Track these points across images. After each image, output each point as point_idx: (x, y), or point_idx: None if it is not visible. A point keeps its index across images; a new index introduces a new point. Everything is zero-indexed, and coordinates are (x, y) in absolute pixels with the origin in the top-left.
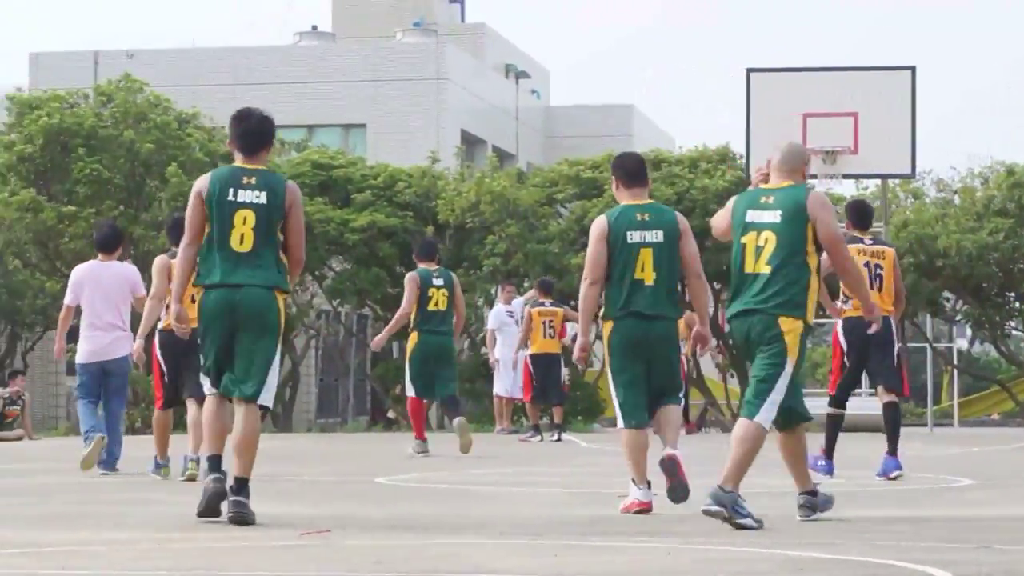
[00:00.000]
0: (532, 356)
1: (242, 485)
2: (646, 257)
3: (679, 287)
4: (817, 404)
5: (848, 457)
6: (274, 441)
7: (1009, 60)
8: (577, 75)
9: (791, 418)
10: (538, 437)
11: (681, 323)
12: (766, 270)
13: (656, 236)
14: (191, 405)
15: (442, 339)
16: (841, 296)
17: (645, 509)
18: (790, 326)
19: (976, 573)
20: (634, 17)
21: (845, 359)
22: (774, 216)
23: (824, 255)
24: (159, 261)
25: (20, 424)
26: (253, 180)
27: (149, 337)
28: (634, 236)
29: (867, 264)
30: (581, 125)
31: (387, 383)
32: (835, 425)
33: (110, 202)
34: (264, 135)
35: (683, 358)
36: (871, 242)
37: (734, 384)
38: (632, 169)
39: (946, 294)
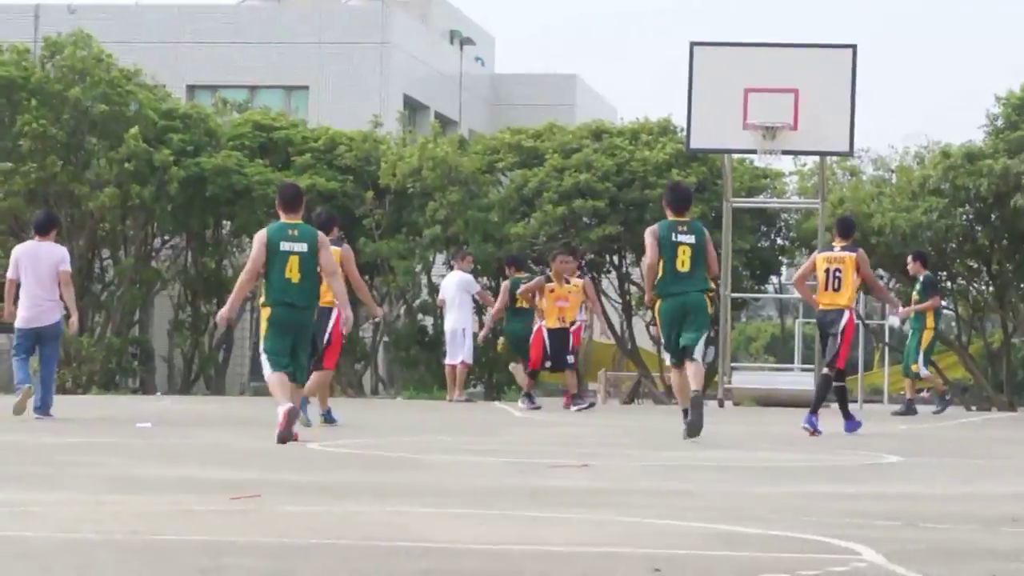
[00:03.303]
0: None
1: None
2: (294, 262)
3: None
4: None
5: (777, 433)
6: (207, 404)
7: (952, 43)
8: (522, 43)
9: None
10: (537, 405)
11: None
12: None
13: (302, 247)
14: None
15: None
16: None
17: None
18: None
19: (901, 550)
20: None
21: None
22: None
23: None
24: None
25: None
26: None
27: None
28: (285, 246)
29: (827, 270)
30: (524, 94)
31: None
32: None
33: (53, 157)
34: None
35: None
36: (839, 250)
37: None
38: (290, 200)
39: (880, 272)
